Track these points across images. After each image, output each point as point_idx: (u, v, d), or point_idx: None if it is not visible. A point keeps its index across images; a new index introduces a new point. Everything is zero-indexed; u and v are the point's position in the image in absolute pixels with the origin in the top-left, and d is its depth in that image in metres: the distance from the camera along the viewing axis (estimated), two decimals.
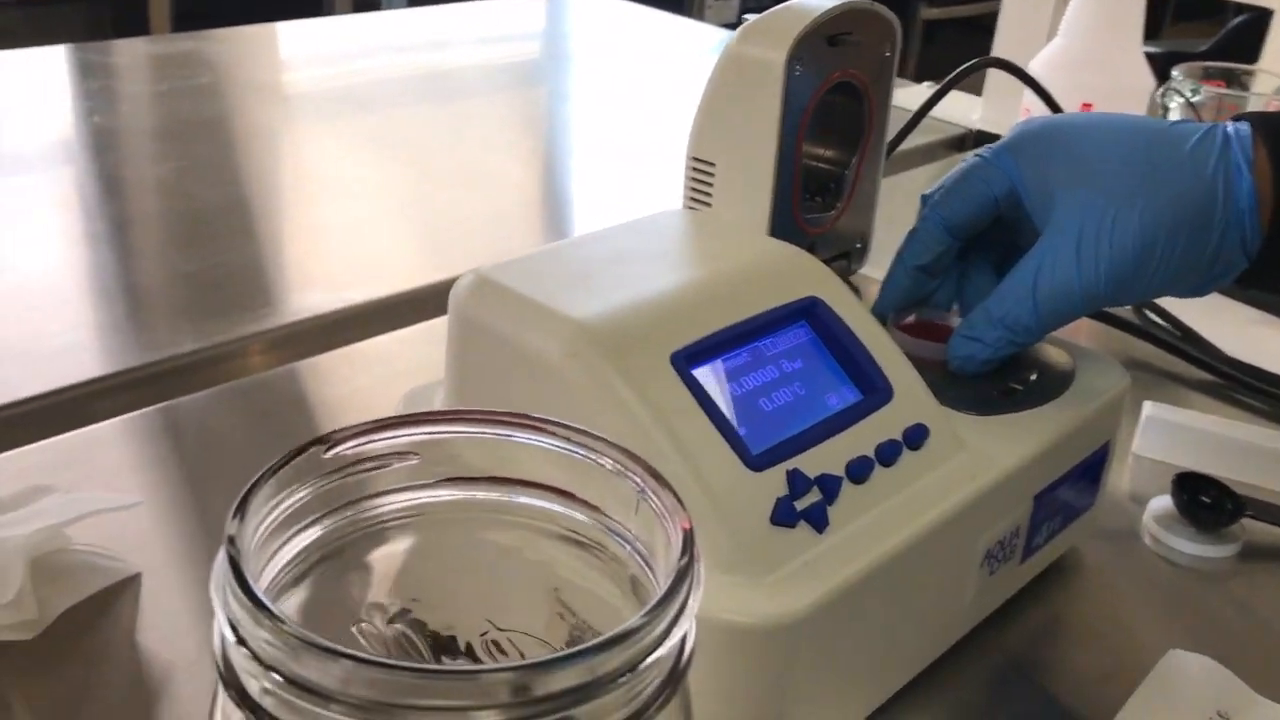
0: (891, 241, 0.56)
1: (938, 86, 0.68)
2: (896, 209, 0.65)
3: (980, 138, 1.15)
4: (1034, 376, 0.52)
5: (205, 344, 0.67)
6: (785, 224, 0.54)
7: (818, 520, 0.40)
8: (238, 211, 0.88)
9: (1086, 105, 0.80)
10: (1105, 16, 0.80)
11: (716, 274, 0.45)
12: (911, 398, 0.45)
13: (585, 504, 0.27)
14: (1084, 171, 0.49)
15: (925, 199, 0.54)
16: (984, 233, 0.54)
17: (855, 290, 0.58)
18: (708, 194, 0.56)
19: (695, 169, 0.55)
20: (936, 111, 1.20)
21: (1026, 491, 0.48)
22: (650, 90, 1.30)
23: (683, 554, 0.24)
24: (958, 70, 0.67)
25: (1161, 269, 0.48)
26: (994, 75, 1.12)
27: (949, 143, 1.14)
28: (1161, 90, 0.96)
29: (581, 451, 0.27)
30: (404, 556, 0.28)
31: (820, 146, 0.57)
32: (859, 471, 0.42)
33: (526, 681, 0.21)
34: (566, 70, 1.41)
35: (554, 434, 0.27)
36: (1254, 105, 0.94)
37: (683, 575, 0.23)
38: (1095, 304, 0.49)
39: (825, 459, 0.42)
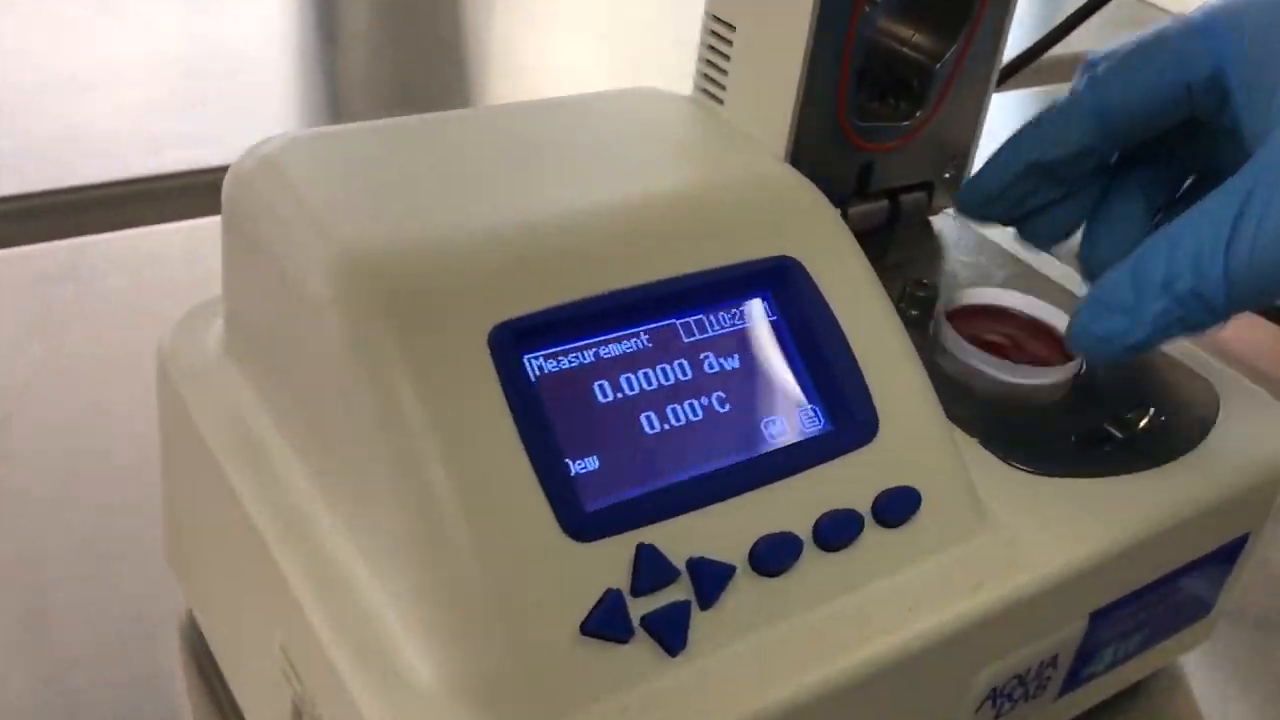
0: None
1: None
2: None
3: None
4: (1145, 417, 0.34)
5: None
6: (823, 129, 0.37)
7: (669, 634, 0.25)
8: None
9: None
10: None
11: (634, 201, 0.29)
12: (909, 438, 0.29)
13: None
14: None
15: (1087, 67, 0.36)
16: (1153, 144, 0.35)
17: (929, 229, 0.41)
18: (722, 76, 0.39)
19: (712, 35, 0.38)
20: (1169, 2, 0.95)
21: (1079, 607, 0.31)
22: None
23: None
24: None
25: None
26: None
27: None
28: None
29: None
30: None
31: (902, 24, 0.39)
32: (775, 556, 0.26)
33: None
34: None
35: None
36: None
37: None
38: None
39: (719, 530, 0.26)
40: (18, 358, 0.47)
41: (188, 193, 0.58)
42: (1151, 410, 0.34)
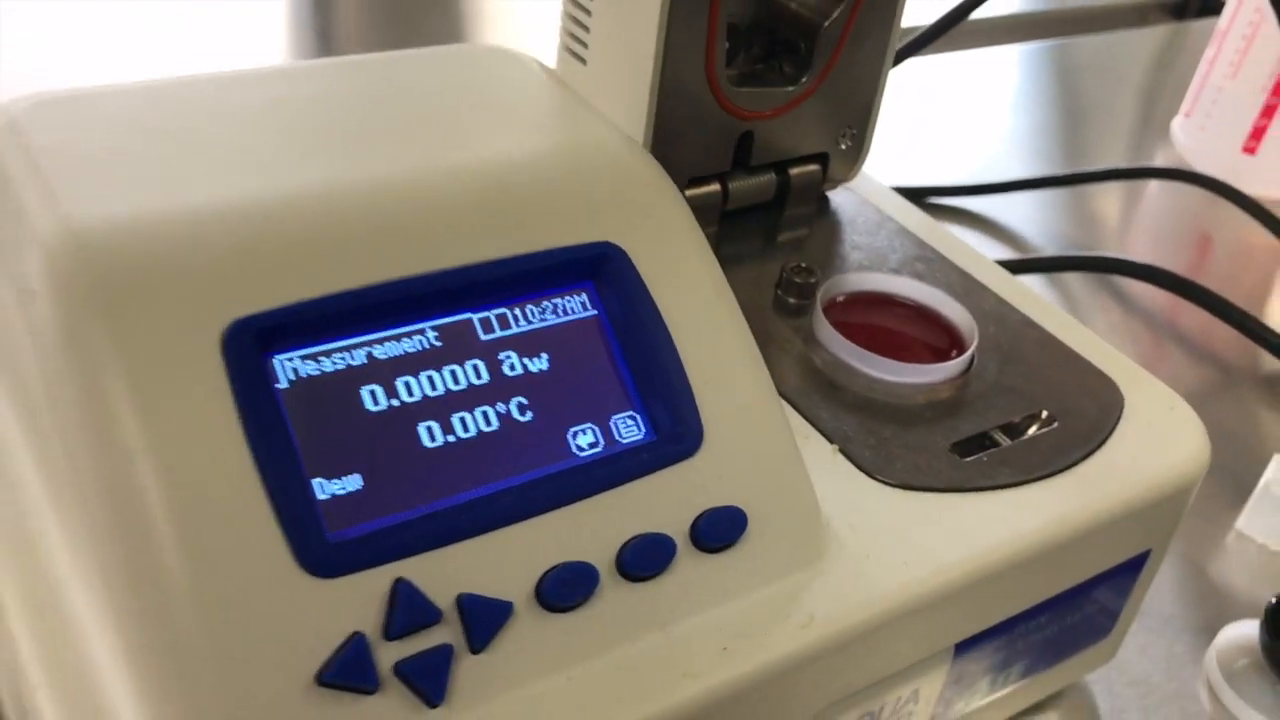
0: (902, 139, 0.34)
1: None
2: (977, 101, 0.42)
3: (1205, 6, 0.86)
4: (1036, 422, 0.31)
5: None
6: (691, 93, 0.33)
7: (427, 683, 0.21)
8: None
9: None
10: None
11: (429, 176, 0.25)
12: (740, 450, 0.25)
13: None
14: None
15: None
16: None
17: (826, 206, 0.37)
18: (584, 33, 0.35)
19: None
20: None
21: (939, 638, 0.27)
22: None
23: None
24: None
25: None
26: None
27: (1165, 6, 0.86)
28: None
29: None
30: None
31: None
32: (564, 589, 0.23)
33: None
34: None
35: None
36: None
37: None
38: None
39: (498, 560, 0.22)
40: None
41: None
42: (1044, 414, 0.31)
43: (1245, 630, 0.36)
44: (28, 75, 0.60)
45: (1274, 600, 0.35)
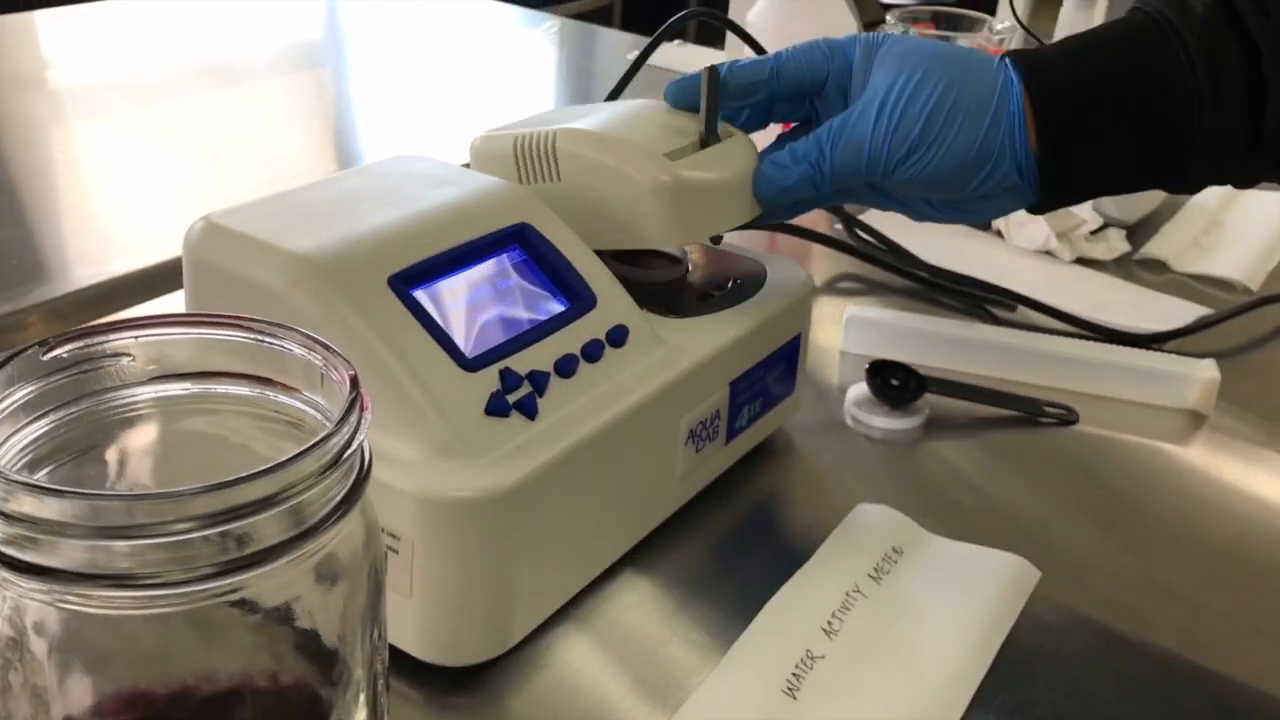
0: None
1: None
2: None
3: None
4: (729, 284, 0.60)
5: None
6: None
7: (529, 409, 0.47)
8: (5, 195, 0.89)
9: None
10: None
11: (432, 208, 0.51)
12: (614, 304, 0.53)
13: (280, 385, 0.33)
14: (902, 52, 0.55)
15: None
16: (798, 102, 0.59)
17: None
18: None
19: None
20: (684, 67, 1.28)
21: (721, 378, 0.56)
22: (428, 65, 1.34)
23: (351, 389, 0.30)
24: (667, 23, 0.74)
25: (938, 143, 0.53)
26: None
27: None
28: (873, 34, 1.07)
29: (270, 340, 0.32)
30: (128, 446, 0.33)
31: None
32: (566, 367, 0.49)
33: (227, 496, 0.27)
34: (346, 49, 1.44)
35: (245, 328, 0.32)
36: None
37: (353, 404, 0.30)
38: (877, 165, 0.54)
39: (535, 359, 0.48)
40: None
41: None
42: (731, 281, 0.61)
43: (860, 386, 0.68)
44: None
45: (868, 365, 0.67)
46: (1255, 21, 0.50)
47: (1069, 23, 1.21)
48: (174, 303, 0.74)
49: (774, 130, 0.63)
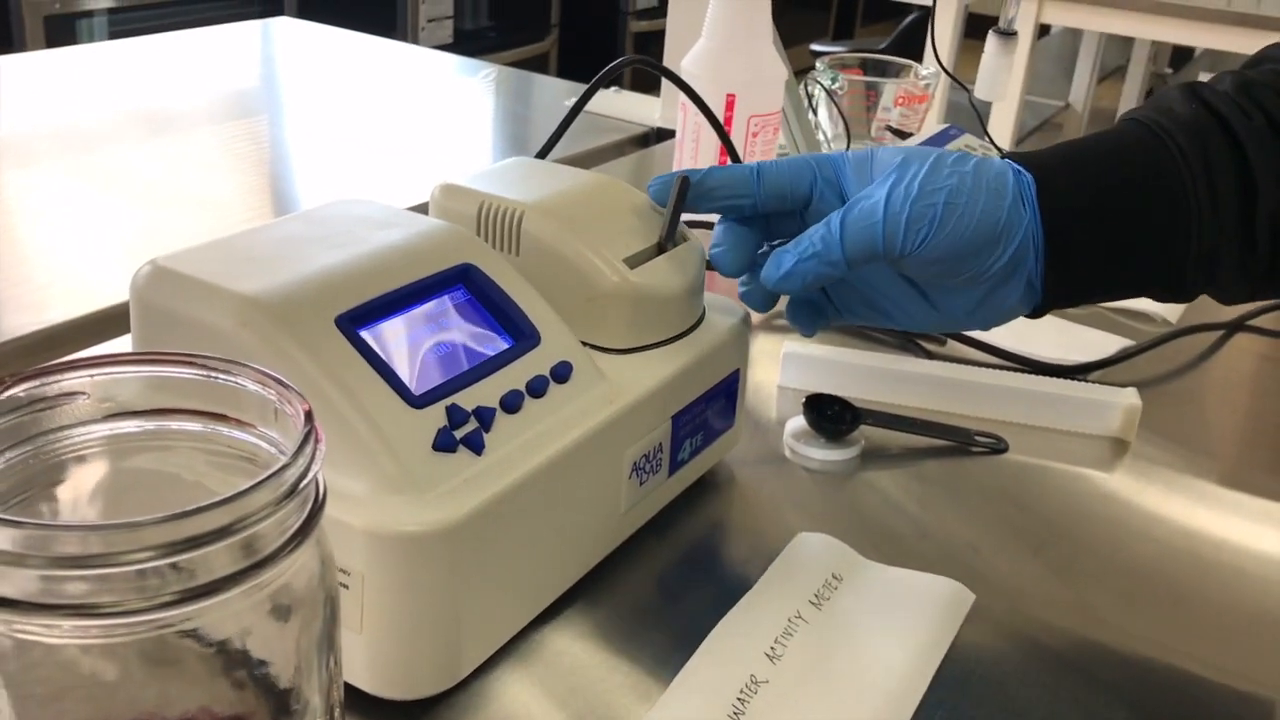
0: None
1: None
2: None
3: (661, 134, 1.27)
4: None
5: None
6: None
7: (475, 445, 0.48)
8: None
9: (731, 95, 0.92)
10: (738, 17, 0.91)
11: (377, 249, 0.52)
12: (557, 341, 0.54)
13: (234, 421, 0.34)
14: (904, 150, 0.55)
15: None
16: (785, 216, 0.59)
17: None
18: None
19: None
20: (621, 113, 1.31)
21: (664, 412, 0.57)
22: (366, 112, 1.35)
23: (306, 422, 0.31)
24: (603, 71, 0.76)
25: (959, 225, 0.52)
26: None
27: (634, 140, 1.26)
28: (804, 80, 1.10)
29: (223, 376, 0.33)
30: (82, 484, 0.34)
31: None
32: (512, 403, 0.50)
33: (183, 526, 0.27)
34: (283, 97, 1.45)
35: (198, 365, 0.33)
36: (886, 90, 1.09)
37: (308, 435, 0.30)
38: (894, 245, 0.53)
39: (481, 395, 0.49)
40: None
41: None
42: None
43: (798, 419, 0.70)
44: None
45: (805, 398, 0.69)
46: (1241, 126, 0.52)
47: (990, 68, 1.25)
48: (118, 347, 0.74)
49: None
